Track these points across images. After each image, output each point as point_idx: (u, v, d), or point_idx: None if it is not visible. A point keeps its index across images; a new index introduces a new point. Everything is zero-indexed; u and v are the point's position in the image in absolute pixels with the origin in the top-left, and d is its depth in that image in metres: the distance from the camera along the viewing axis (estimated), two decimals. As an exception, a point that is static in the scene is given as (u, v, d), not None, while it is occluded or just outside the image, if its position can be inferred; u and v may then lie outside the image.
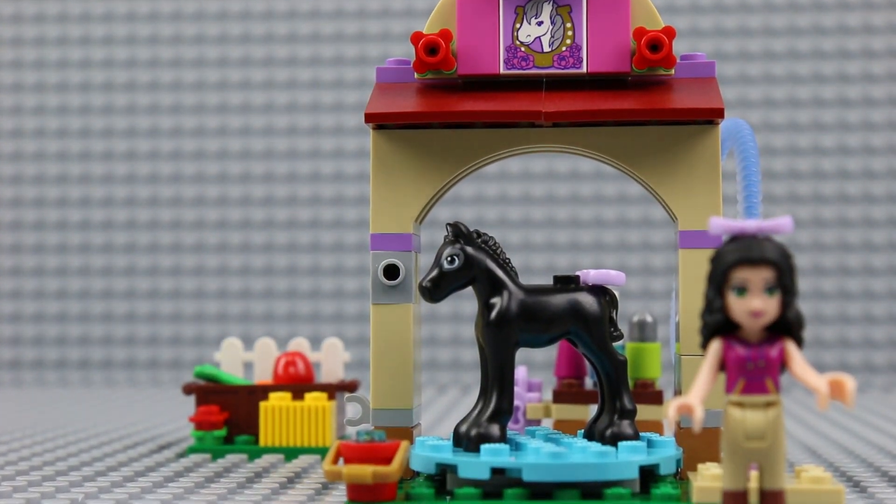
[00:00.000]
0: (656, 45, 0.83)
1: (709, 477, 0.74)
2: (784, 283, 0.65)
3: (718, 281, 0.66)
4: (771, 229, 0.66)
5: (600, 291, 0.82)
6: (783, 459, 0.66)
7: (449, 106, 0.84)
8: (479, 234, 0.81)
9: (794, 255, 0.67)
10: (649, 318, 1.03)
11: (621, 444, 0.77)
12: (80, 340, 1.83)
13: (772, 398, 0.66)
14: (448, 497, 0.77)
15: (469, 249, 0.80)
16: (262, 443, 1.04)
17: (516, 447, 0.79)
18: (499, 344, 0.80)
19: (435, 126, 0.85)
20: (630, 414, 0.81)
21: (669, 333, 0.98)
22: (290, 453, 1.03)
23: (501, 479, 0.75)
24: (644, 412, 0.94)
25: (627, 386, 0.81)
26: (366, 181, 1.79)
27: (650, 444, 0.80)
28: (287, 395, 1.05)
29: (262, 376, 1.13)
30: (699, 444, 0.82)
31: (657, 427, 0.98)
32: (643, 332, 1.03)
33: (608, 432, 0.81)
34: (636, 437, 0.80)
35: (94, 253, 1.84)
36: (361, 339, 1.74)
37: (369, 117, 0.84)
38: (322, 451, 1.03)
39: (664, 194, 0.84)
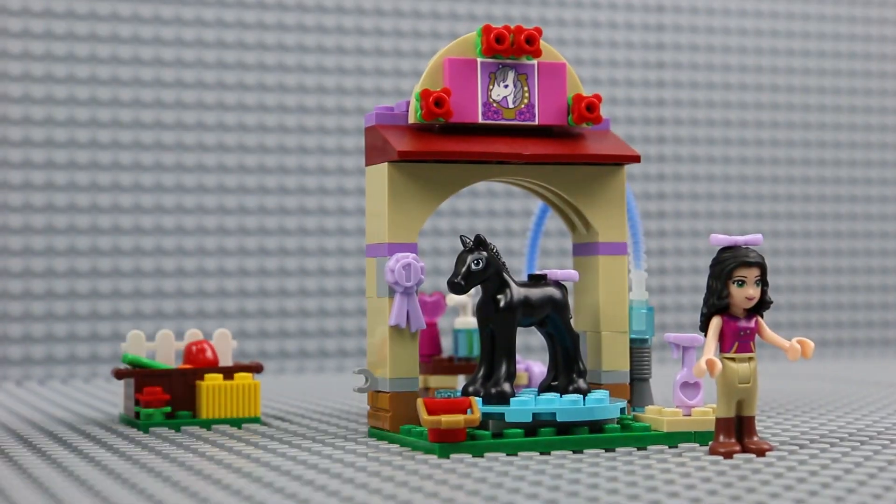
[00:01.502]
0: (591, 107, 1.15)
1: (669, 413, 1.07)
2: (764, 278, 1.00)
3: (725, 276, 0.99)
4: (752, 242, 1.01)
5: (562, 286, 1.12)
6: (757, 396, 1.01)
7: (460, 147, 1.10)
8: (489, 244, 1.09)
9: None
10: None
11: (595, 393, 1.08)
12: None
13: (753, 355, 1.00)
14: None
15: (487, 255, 1.08)
16: (203, 416, 1.24)
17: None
18: (507, 325, 1.08)
19: (429, 161, 1.11)
20: (585, 373, 1.12)
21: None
22: (232, 423, 1.24)
23: (536, 421, 1.03)
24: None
25: (580, 353, 1.12)
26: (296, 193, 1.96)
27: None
28: (219, 376, 1.25)
29: (164, 362, 1.31)
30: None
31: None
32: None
33: (571, 387, 1.11)
34: (589, 391, 1.12)
35: (11, 256, 1.88)
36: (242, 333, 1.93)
37: (402, 154, 1.09)
38: (253, 421, 1.24)
39: (588, 215, 1.15)
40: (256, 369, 1.30)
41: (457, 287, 1.07)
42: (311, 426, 1.22)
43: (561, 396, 1.09)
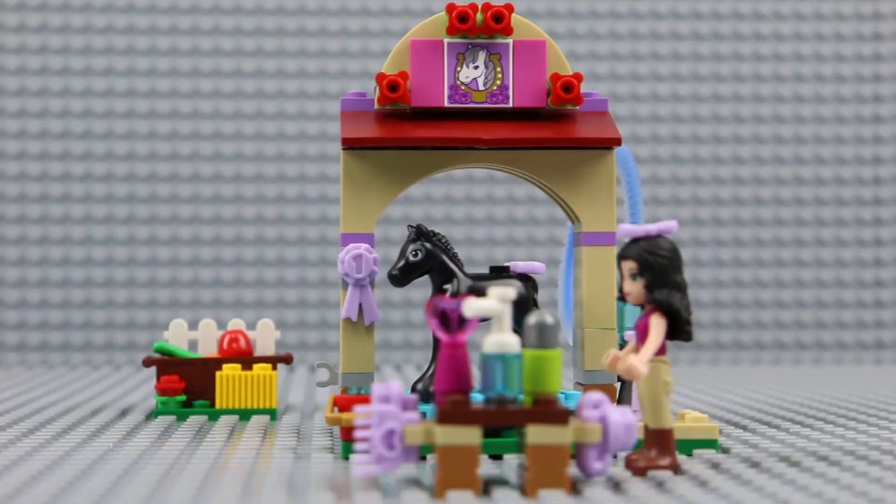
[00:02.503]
0: (568, 87, 1.07)
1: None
2: (645, 273, 0.88)
3: (619, 270, 0.89)
4: (664, 230, 0.90)
5: (525, 278, 1.05)
6: (650, 403, 0.88)
7: (410, 133, 1.05)
8: (434, 234, 1.03)
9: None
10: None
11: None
12: (39, 326, 1.99)
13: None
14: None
15: (428, 245, 1.02)
16: (217, 406, 1.24)
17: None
18: (451, 319, 1.02)
19: (392, 148, 1.06)
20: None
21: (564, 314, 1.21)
22: (243, 414, 1.23)
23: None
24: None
25: (547, 353, 1.05)
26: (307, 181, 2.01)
27: (566, 396, 1.03)
28: (238, 366, 1.25)
29: (205, 352, 1.33)
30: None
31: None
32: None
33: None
34: (554, 391, 1.04)
35: (52, 245, 2.01)
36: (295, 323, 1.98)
37: (346, 141, 1.05)
38: (268, 412, 1.23)
39: (571, 203, 1.07)
40: (286, 360, 1.29)
41: (394, 279, 1.02)
42: (307, 420, 1.20)
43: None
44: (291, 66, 2.05)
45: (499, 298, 0.80)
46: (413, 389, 1.02)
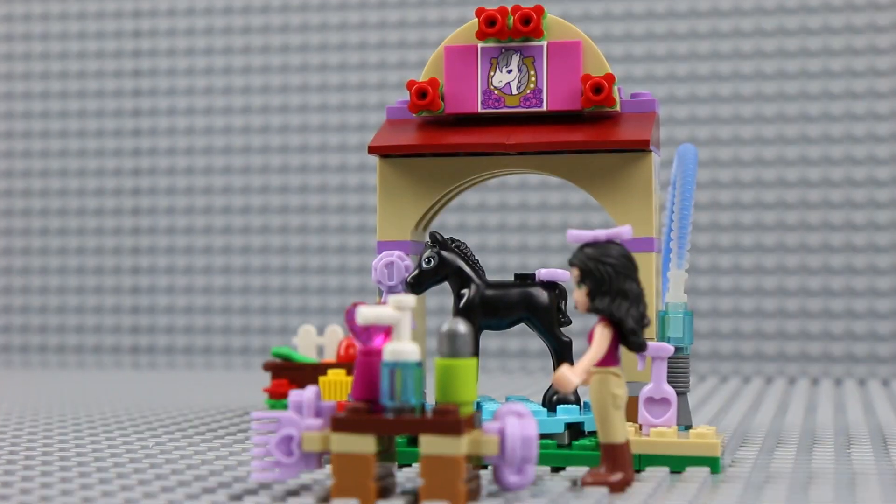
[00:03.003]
0: (598, 88, 1.03)
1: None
2: (587, 281, 0.84)
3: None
4: (615, 236, 0.86)
5: (551, 286, 1.02)
6: (600, 417, 0.84)
7: (434, 139, 1.05)
8: (453, 241, 1.03)
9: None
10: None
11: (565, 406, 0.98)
12: (185, 329, 2.13)
13: (596, 369, 0.85)
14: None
15: (443, 253, 1.02)
16: (321, 409, 1.28)
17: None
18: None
19: (427, 155, 1.07)
20: (572, 383, 1.01)
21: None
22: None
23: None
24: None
25: (571, 361, 1.02)
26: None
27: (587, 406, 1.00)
28: (343, 371, 1.28)
29: (331, 357, 1.37)
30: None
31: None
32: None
33: (555, 397, 1.01)
34: (576, 402, 1.01)
35: (216, 254, 2.13)
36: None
37: (372, 149, 1.06)
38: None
39: (607, 207, 1.04)
40: (396, 366, 1.31)
41: (408, 286, 1.03)
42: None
43: (543, 405, 1.01)
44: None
45: (396, 306, 0.79)
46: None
